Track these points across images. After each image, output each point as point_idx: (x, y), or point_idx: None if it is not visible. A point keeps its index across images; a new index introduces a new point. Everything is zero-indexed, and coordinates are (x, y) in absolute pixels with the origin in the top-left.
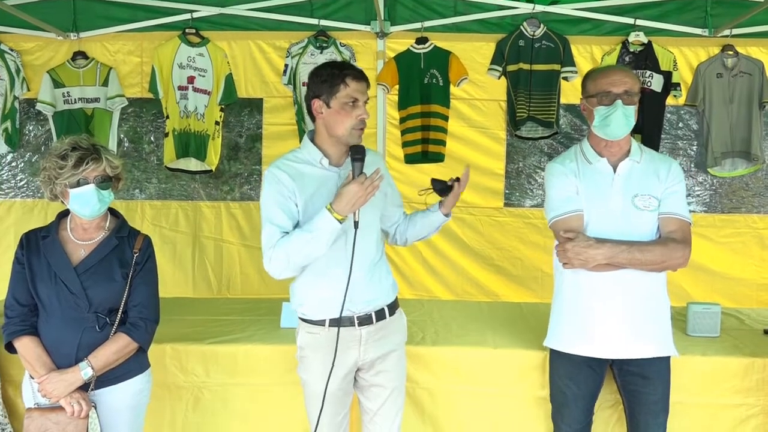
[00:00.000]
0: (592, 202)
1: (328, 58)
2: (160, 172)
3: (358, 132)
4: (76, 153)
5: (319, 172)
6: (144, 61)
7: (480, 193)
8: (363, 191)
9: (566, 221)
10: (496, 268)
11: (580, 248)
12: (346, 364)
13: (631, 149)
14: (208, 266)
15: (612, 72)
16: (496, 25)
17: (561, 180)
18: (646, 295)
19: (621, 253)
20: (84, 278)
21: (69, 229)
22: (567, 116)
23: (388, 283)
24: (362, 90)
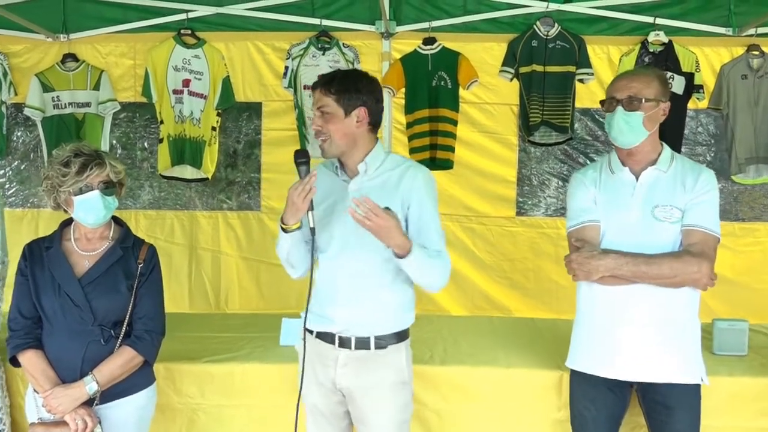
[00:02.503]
0: (609, 212)
1: (331, 59)
2: (154, 180)
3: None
4: (79, 159)
5: (335, 181)
6: (137, 64)
7: (491, 202)
8: (296, 195)
9: (580, 231)
10: (508, 280)
11: (583, 258)
12: (324, 379)
13: (660, 158)
14: (206, 279)
15: (621, 77)
16: (508, 25)
17: (579, 190)
18: (671, 313)
19: (625, 265)
20: (88, 290)
21: (72, 239)
22: (582, 121)
23: (385, 315)
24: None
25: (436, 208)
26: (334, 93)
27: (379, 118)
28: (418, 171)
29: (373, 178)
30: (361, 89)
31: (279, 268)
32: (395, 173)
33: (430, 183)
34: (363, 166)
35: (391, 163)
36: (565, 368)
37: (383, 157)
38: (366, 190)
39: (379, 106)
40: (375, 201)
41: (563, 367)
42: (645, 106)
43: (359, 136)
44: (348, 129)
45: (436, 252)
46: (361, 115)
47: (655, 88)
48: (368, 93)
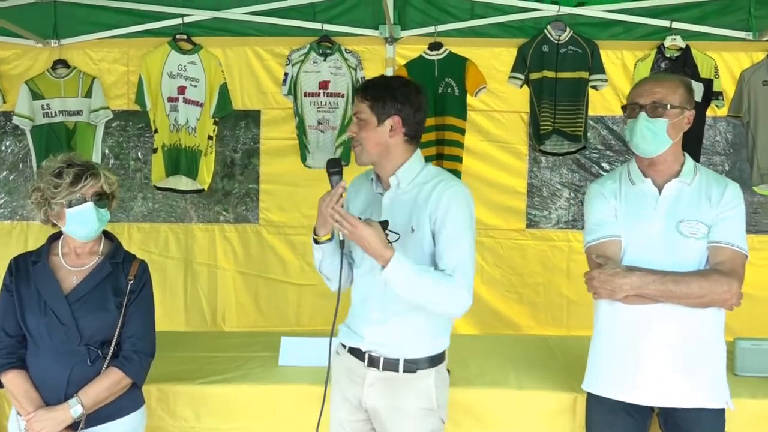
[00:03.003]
0: (631, 226)
1: (332, 65)
2: (147, 192)
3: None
4: (73, 169)
5: (372, 192)
6: (130, 70)
7: (500, 214)
8: (324, 206)
9: (600, 247)
10: (518, 295)
11: (606, 276)
12: (351, 396)
13: (683, 169)
14: (202, 296)
15: (645, 82)
16: (518, 29)
17: (598, 202)
18: (696, 334)
19: (652, 283)
20: (75, 308)
21: (61, 254)
22: (596, 129)
23: (416, 338)
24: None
25: (461, 226)
26: (369, 99)
27: (418, 128)
28: (449, 185)
29: (406, 192)
30: (398, 97)
31: (278, 283)
32: (427, 187)
33: (458, 198)
34: (395, 180)
35: (426, 176)
36: (580, 390)
37: (418, 170)
38: (399, 205)
39: (418, 116)
40: (404, 217)
41: (578, 389)
42: (670, 113)
43: (393, 146)
44: (380, 138)
45: (446, 273)
46: (395, 124)
47: (680, 95)
48: (405, 101)
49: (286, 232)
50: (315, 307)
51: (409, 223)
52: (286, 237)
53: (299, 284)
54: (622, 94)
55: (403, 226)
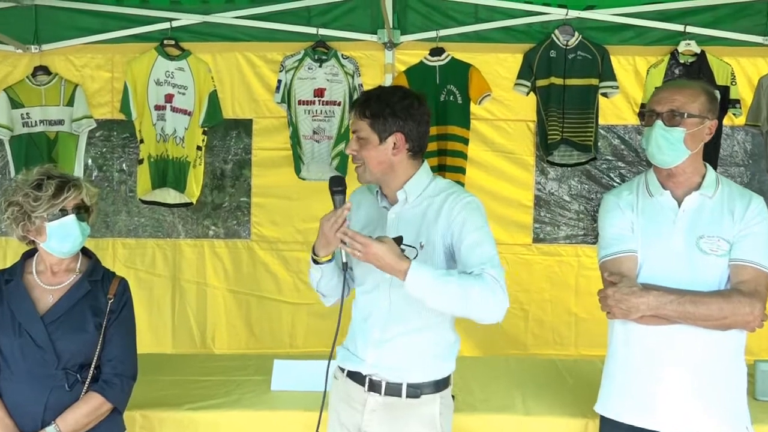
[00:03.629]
0: (648, 241)
1: (328, 72)
2: (132, 205)
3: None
4: (54, 181)
5: (376, 207)
6: (115, 77)
7: (505, 228)
8: (328, 227)
9: (615, 263)
10: (524, 313)
11: (621, 295)
12: (348, 423)
13: (704, 181)
14: (190, 315)
15: (664, 88)
16: (524, 34)
17: (614, 215)
18: (715, 357)
19: (669, 303)
20: (52, 329)
21: (35, 272)
22: (607, 138)
23: (421, 361)
24: (351, 121)
25: (483, 233)
26: (368, 117)
27: (422, 142)
28: (461, 197)
29: (415, 207)
30: (398, 112)
31: (271, 302)
32: (437, 201)
33: (473, 209)
34: (402, 194)
35: (435, 189)
36: (591, 415)
37: (426, 183)
38: (406, 220)
39: (421, 129)
40: (411, 233)
41: (589, 414)
42: (687, 123)
43: (397, 163)
44: (383, 157)
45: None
46: (397, 141)
47: (701, 104)
48: (407, 116)
49: (280, 247)
50: (310, 328)
51: (417, 239)
52: (279, 253)
53: (293, 303)
54: (633, 101)
55: (411, 242)
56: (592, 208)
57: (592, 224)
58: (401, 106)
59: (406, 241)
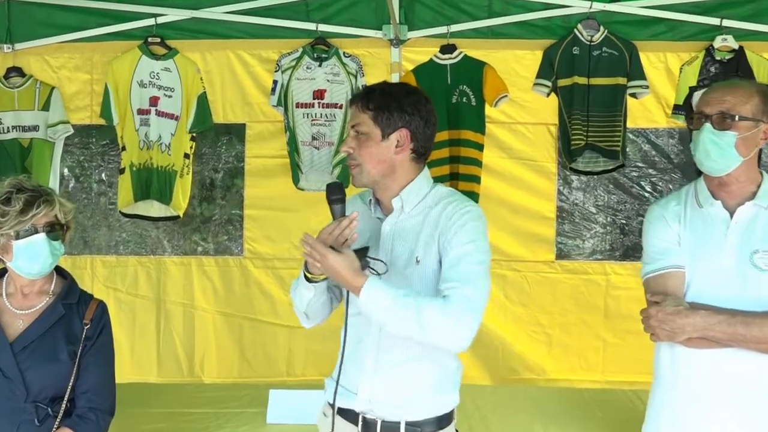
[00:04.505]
0: (696, 256)
1: (329, 72)
2: (113, 219)
3: (351, 171)
4: (23, 195)
5: (369, 217)
6: (95, 79)
7: (525, 243)
8: (331, 241)
9: (659, 280)
10: (546, 337)
11: (665, 315)
12: None
13: (760, 190)
14: (176, 341)
15: (714, 89)
16: (543, 29)
17: (659, 227)
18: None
19: (718, 324)
20: (21, 358)
21: (5, 294)
22: (636, 143)
23: (421, 394)
24: (350, 116)
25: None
26: (372, 109)
27: (427, 144)
28: (460, 206)
29: (412, 217)
30: (405, 106)
31: (266, 326)
32: (436, 210)
33: (469, 215)
34: (398, 202)
35: (435, 198)
36: None
37: (426, 191)
38: (402, 232)
39: (428, 130)
40: (407, 246)
41: None
42: (739, 126)
43: (398, 164)
44: (384, 155)
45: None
46: (402, 138)
47: (754, 105)
48: (414, 112)
49: (275, 265)
50: (309, 354)
51: (413, 253)
52: (275, 271)
53: (290, 327)
54: (665, 102)
55: (407, 257)
56: (621, 220)
57: (621, 238)
58: (409, 100)
59: (399, 258)
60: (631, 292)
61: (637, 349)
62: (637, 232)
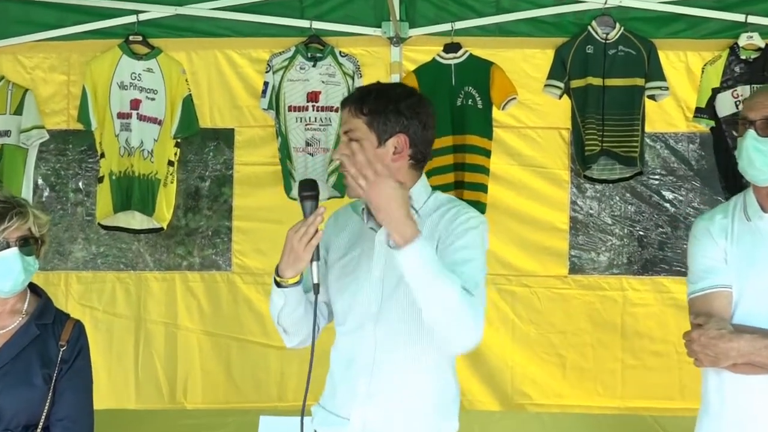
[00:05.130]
0: (745, 274)
1: (324, 72)
2: (90, 231)
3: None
4: None
5: (361, 228)
6: (72, 80)
7: (536, 256)
8: (296, 239)
9: (704, 300)
10: (559, 359)
11: (708, 339)
12: None
13: None
14: (157, 363)
15: (759, 92)
16: (555, 26)
17: (704, 243)
18: None
19: (765, 349)
20: None
21: None
22: (655, 149)
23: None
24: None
25: (476, 248)
26: (367, 113)
27: (426, 149)
28: (462, 212)
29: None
30: (403, 110)
31: (256, 347)
32: (434, 217)
33: (472, 222)
34: None
35: (434, 205)
36: None
37: (424, 199)
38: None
39: (426, 134)
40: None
41: None
42: None
43: (396, 171)
44: (381, 162)
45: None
46: (400, 144)
47: None
48: (413, 116)
49: (266, 281)
50: (303, 377)
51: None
52: (265, 288)
53: (282, 348)
54: (686, 105)
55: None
56: (638, 232)
57: (639, 250)
58: (407, 103)
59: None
60: (650, 309)
61: (658, 371)
62: (656, 244)
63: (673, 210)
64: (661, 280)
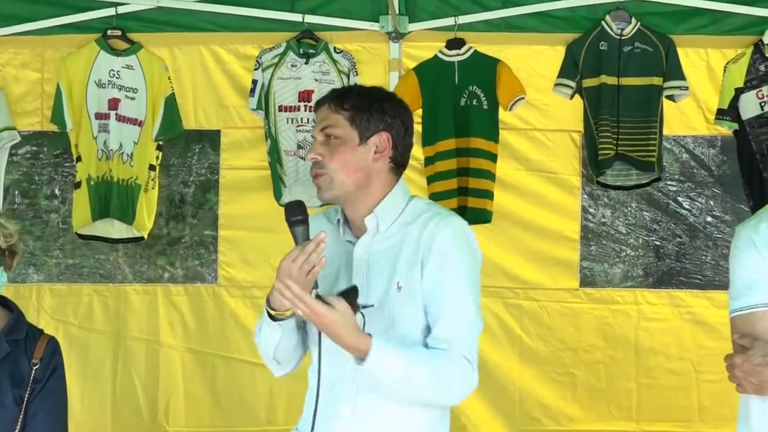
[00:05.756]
0: None
1: (317, 70)
2: (66, 241)
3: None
4: None
5: (337, 240)
6: (46, 78)
7: (545, 268)
8: (296, 269)
9: (747, 320)
10: (570, 378)
11: (752, 366)
12: None
13: None
14: (137, 383)
15: None
16: (566, 21)
17: (747, 255)
18: None
19: None
20: None
21: None
22: (673, 153)
23: None
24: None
25: (465, 276)
26: (348, 109)
27: (405, 154)
28: (441, 223)
29: (388, 237)
30: (387, 109)
31: (243, 365)
32: (415, 228)
33: (456, 240)
34: (373, 221)
35: (412, 214)
36: None
37: (402, 206)
38: (377, 256)
39: (407, 140)
40: (385, 272)
41: None
42: None
43: (375, 174)
44: (360, 162)
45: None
46: (382, 143)
47: None
48: (396, 115)
49: (254, 294)
50: (293, 399)
51: (392, 279)
52: (253, 301)
53: None
54: (706, 107)
55: (386, 284)
56: (655, 242)
57: (655, 262)
58: (390, 103)
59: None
60: (666, 324)
61: (675, 391)
62: (673, 255)
63: (692, 219)
64: (678, 294)
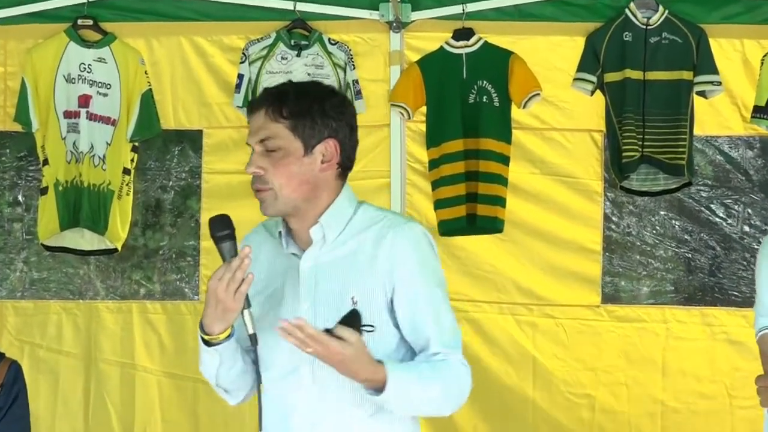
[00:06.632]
0: None
1: (310, 63)
2: (30, 253)
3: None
4: None
5: (279, 254)
6: (9, 72)
7: (563, 283)
8: (222, 289)
9: None
10: (589, 400)
11: None
12: None
13: None
14: (111, 409)
15: None
16: (586, 9)
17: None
18: None
19: None
20: None
21: None
22: (705, 155)
23: None
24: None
25: (437, 285)
26: (288, 117)
27: (353, 155)
28: (400, 232)
29: (337, 247)
30: (329, 111)
31: None
32: (368, 238)
33: (420, 247)
34: (318, 232)
35: (363, 222)
36: None
37: (350, 214)
38: (325, 270)
39: (354, 139)
40: (335, 286)
41: None
42: None
43: (323, 183)
44: (307, 174)
45: (439, 359)
46: (329, 151)
47: None
48: (340, 116)
49: None
50: None
51: (345, 293)
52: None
53: None
54: (742, 103)
55: (337, 298)
56: (686, 254)
57: (686, 276)
58: (331, 103)
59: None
60: (698, 344)
61: (706, 416)
62: (706, 269)
63: (727, 228)
64: (711, 312)
